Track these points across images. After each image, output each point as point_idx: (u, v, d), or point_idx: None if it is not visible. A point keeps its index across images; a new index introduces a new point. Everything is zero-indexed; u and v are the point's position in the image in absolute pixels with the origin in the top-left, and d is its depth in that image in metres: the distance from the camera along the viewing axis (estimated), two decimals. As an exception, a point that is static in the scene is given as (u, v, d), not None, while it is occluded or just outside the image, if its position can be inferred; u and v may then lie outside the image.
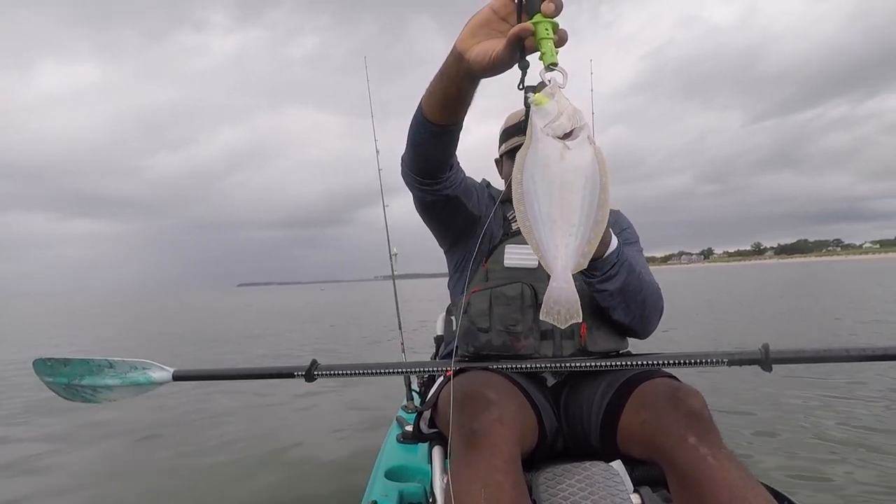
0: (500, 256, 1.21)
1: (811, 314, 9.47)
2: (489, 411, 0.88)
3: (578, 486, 0.96)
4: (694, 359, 1.03)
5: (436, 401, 1.15)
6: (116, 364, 1.31)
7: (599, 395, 1.07)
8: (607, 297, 1.11)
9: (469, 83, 0.81)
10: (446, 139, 0.96)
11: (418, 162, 1.04)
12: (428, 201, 1.13)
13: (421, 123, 0.93)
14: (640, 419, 0.96)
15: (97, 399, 1.32)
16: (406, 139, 1.01)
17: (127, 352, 8.44)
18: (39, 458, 3.13)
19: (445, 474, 1.01)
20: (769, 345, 1.01)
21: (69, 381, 1.31)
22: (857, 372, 4.31)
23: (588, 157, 0.67)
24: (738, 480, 0.79)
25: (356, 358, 6.64)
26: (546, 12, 0.66)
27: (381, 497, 1.62)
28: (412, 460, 1.90)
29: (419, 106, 0.92)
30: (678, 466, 0.85)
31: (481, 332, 1.16)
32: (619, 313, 1.13)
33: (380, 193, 2.52)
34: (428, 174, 1.06)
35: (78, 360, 1.31)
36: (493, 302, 1.16)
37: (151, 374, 1.29)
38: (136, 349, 8.75)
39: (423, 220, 1.24)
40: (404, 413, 2.39)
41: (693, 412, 0.88)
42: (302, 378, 1.20)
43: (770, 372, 1.01)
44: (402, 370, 1.22)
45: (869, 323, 7.77)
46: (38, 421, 4.01)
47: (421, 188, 1.09)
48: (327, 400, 4.34)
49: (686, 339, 6.50)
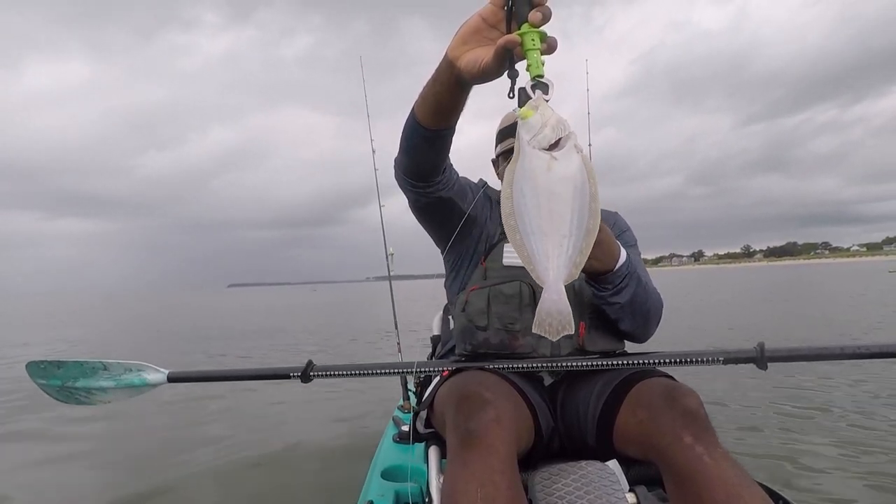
0: (498, 255, 1.22)
1: (799, 316, 9.57)
2: (485, 411, 0.88)
3: (574, 486, 0.96)
4: (690, 357, 1.04)
5: (432, 401, 1.15)
6: (111, 366, 1.30)
7: (596, 395, 1.07)
8: (617, 309, 1.12)
9: (460, 90, 0.82)
10: (439, 144, 0.97)
11: (411, 166, 1.05)
12: (422, 203, 1.14)
13: (413, 128, 0.94)
14: (636, 419, 0.96)
15: (92, 401, 1.31)
16: (399, 143, 1.02)
17: (109, 352, 8.37)
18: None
19: (441, 474, 1.01)
20: (764, 343, 1.02)
21: (63, 383, 1.30)
22: (852, 370, 4.36)
23: (575, 167, 0.67)
24: (734, 479, 0.80)
25: (349, 358, 6.63)
26: (533, 22, 0.66)
27: (378, 497, 1.61)
28: (408, 460, 1.90)
29: (412, 111, 0.92)
30: (674, 465, 0.85)
31: (479, 331, 1.16)
32: (625, 324, 1.15)
33: (373, 193, 2.52)
34: (421, 177, 1.07)
35: (71, 362, 1.30)
36: (492, 300, 1.16)
37: (146, 375, 1.29)
38: (122, 349, 8.67)
39: (419, 221, 1.25)
40: (400, 413, 2.38)
41: (689, 411, 0.88)
42: (298, 379, 1.19)
43: (765, 370, 1.02)
44: (399, 370, 1.22)
45: (849, 322, 7.88)
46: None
47: (414, 191, 1.11)
48: (323, 400, 4.33)
49: (679, 339, 6.58)
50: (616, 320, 1.15)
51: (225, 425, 3.71)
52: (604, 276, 1.08)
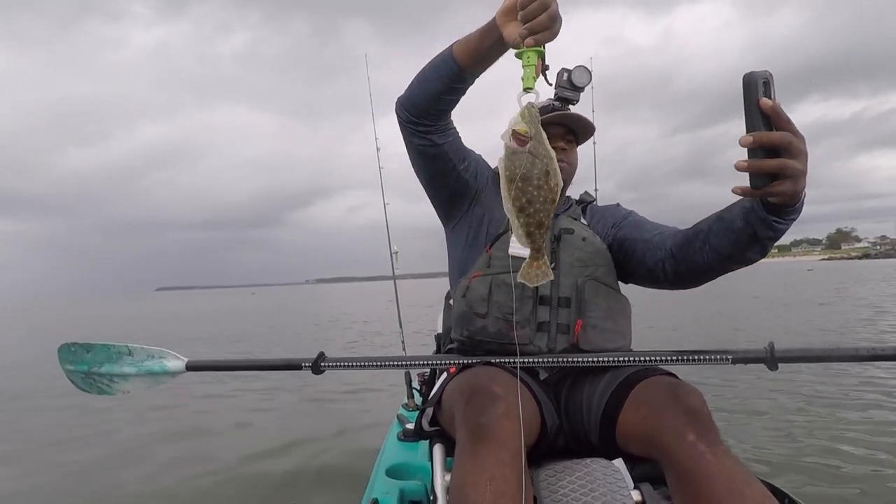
0: (504, 244, 1.21)
1: (719, 314, 9.67)
2: (496, 406, 0.88)
3: (579, 483, 0.96)
4: (698, 356, 1.03)
5: (440, 397, 1.15)
6: (135, 351, 1.33)
7: (599, 393, 1.07)
8: (771, 243, 1.01)
9: (500, 48, 0.97)
10: (459, 84, 1.08)
11: (419, 98, 1.13)
12: (417, 146, 1.20)
13: (446, 61, 1.05)
14: (639, 416, 0.96)
15: (113, 390, 1.34)
16: (414, 78, 1.12)
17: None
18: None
19: (447, 472, 1.01)
20: (774, 343, 1.01)
21: (89, 368, 1.34)
22: (857, 369, 4.29)
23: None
24: (736, 476, 0.80)
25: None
26: (527, 45, 0.80)
27: (382, 495, 1.62)
28: (413, 458, 1.90)
29: (449, 50, 1.05)
30: (676, 463, 0.85)
31: (478, 318, 1.17)
32: (759, 254, 1.03)
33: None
34: (423, 114, 1.15)
35: (100, 344, 1.35)
36: (493, 289, 1.17)
37: (167, 363, 1.32)
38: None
39: (416, 173, 1.30)
40: (405, 411, 2.39)
41: (692, 409, 0.89)
42: (309, 370, 1.21)
43: (776, 370, 1.00)
44: (408, 363, 1.23)
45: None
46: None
47: (412, 127, 1.17)
48: (327, 397, 4.34)
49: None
50: (752, 258, 1.03)
51: (228, 422, 3.74)
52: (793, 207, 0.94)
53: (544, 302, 1.17)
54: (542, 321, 1.16)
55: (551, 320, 1.16)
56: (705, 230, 1.07)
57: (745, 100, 0.80)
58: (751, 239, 0.97)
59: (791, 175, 0.81)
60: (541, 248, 0.80)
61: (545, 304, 1.17)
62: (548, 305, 1.17)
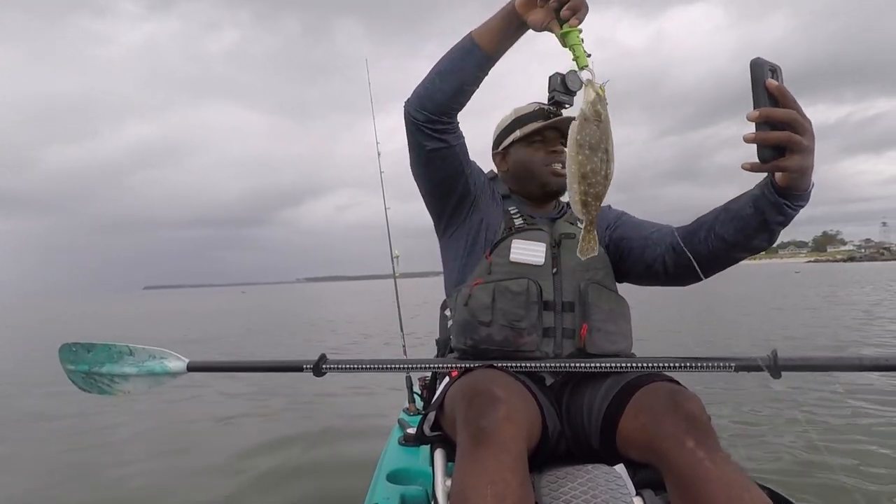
0: (505, 251, 1.21)
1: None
2: (497, 409, 0.88)
3: (581, 489, 0.96)
4: (699, 363, 1.03)
5: (442, 401, 1.15)
6: (136, 351, 1.33)
7: (600, 399, 1.07)
8: (780, 229, 1.02)
9: (520, 33, 1.02)
10: (484, 72, 1.10)
11: (441, 94, 1.11)
12: (430, 149, 1.16)
13: (470, 51, 1.07)
14: (638, 422, 0.96)
15: (113, 390, 1.34)
16: (429, 75, 1.12)
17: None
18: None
19: (448, 477, 1.01)
20: (777, 351, 1.01)
21: (90, 368, 1.33)
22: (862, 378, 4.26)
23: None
24: (735, 482, 0.80)
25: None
26: (571, 25, 0.84)
27: (383, 500, 1.61)
28: (414, 463, 1.89)
29: (469, 39, 1.07)
30: (676, 469, 0.85)
31: (482, 326, 1.15)
32: (768, 241, 1.06)
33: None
34: (443, 111, 1.12)
35: (101, 344, 1.34)
36: (497, 296, 1.16)
37: (168, 363, 1.32)
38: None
39: (420, 181, 1.26)
40: (406, 416, 2.38)
41: (691, 416, 0.89)
42: (310, 372, 1.20)
43: (779, 378, 1.00)
44: (410, 366, 1.23)
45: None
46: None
47: (429, 127, 1.14)
48: (327, 402, 4.33)
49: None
50: (759, 245, 1.05)
51: (228, 426, 3.73)
52: (802, 192, 0.96)
53: (549, 307, 1.17)
54: (548, 326, 1.16)
55: (556, 325, 1.16)
56: (710, 220, 1.09)
57: (752, 82, 0.83)
58: (759, 225, 0.99)
59: (798, 150, 0.84)
60: (594, 220, 0.86)
61: (549, 309, 1.17)
62: (552, 311, 1.17)
